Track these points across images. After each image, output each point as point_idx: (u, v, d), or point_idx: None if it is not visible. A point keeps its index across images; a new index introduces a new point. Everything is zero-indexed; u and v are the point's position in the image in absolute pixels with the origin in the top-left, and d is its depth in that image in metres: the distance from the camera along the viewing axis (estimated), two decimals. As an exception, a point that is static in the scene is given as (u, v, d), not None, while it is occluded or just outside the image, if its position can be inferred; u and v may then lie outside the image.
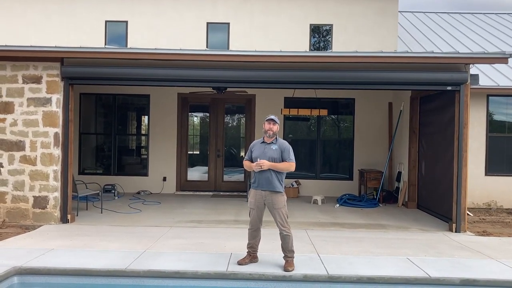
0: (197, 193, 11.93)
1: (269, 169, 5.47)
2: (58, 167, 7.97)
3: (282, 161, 5.55)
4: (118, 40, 12.78)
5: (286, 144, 5.67)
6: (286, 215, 5.57)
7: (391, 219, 8.91)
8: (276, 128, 5.59)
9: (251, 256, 5.68)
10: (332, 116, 12.46)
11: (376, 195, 10.85)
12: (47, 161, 7.92)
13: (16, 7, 12.80)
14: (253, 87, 9.64)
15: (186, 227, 7.90)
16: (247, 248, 5.70)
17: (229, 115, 12.64)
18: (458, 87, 7.92)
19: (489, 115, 10.93)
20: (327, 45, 12.86)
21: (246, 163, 5.71)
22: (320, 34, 12.92)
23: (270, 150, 5.55)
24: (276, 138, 5.64)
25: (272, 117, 5.61)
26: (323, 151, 12.25)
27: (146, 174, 12.12)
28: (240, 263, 5.57)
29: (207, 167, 12.35)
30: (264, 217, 5.72)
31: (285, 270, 5.39)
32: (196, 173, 12.43)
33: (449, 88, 7.99)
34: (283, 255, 5.58)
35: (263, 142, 5.64)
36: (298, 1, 12.74)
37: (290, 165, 5.55)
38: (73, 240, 6.75)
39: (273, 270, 5.39)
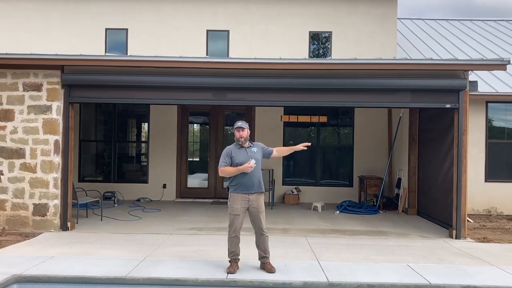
0: (197, 200, 11.92)
1: (258, 171, 5.59)
2: (58, 175, 7.98)
3: (264, 157, 5.78)
4: (119, 47, 12.84)
5: (260, 143, 5.89)
6: None
7: (391, 226, 8.90)
8: (246, 133, 5.66)
9: (237, 263, 5.64)
10: (332, 123, 12.48)
11: (376, 202, 10.84)
12: (47, 168, 7.93)
13: (18, 15, 12.87)
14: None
15: (186, 234, 7.89)
16: (230, 257, 5.64)
17: (229, 122, 12.66)
18: (457, 94, 7.95)
19: (488, 122, 10.96)
20: (326, 52, 12.91)
21: (227, 169, 5.57)
22: (320, 41, 12.98)
23: (253, 153, 5.65)
24: (250, 141, 5.75)
25: (239, 124, 5.69)
26: (323, 157, 12.26)
27: (146, 181, 12.12)
28: (230, 271, 5.50)
29: (207, 174, 12.35)
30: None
31: (270, 272, 5.49)
32: (196, 180, 12.42)
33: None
34: (262, 256, 5.66)
35: (241, 147, 5.67)
36: (297, 9, 12.81)
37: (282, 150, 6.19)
38: (73, 247, 6.74)
39: (273, 277, 5.38)
